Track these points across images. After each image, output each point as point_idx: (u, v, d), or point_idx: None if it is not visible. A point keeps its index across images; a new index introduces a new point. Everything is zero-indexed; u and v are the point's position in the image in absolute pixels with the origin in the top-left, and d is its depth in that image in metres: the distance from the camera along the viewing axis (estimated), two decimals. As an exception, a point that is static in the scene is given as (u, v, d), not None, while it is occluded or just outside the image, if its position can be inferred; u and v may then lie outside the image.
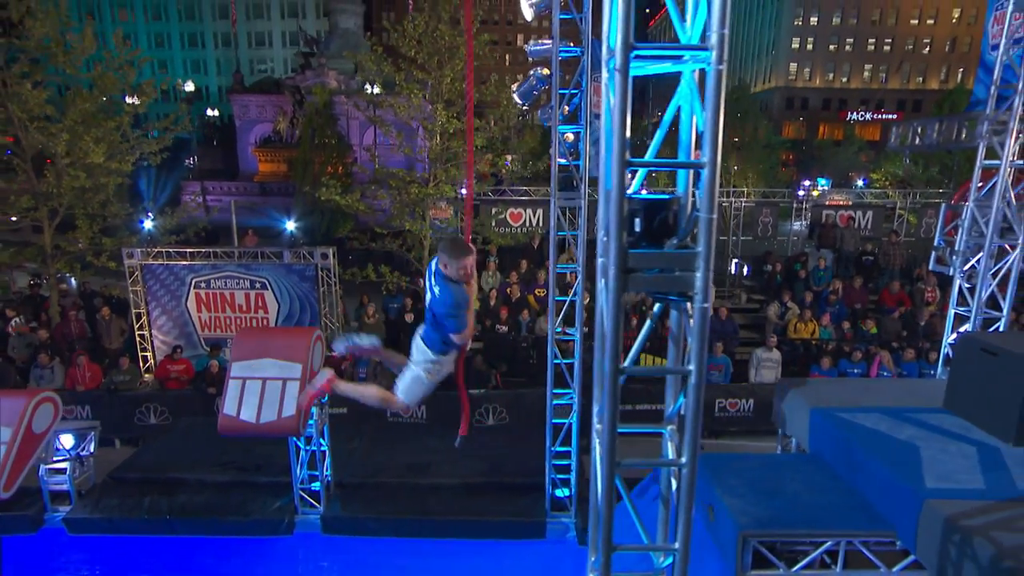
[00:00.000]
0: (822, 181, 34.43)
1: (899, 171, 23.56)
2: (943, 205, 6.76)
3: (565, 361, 6.98)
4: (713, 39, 2.00)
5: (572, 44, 5.88)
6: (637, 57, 2.15)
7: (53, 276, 13.80)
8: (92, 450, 7.26)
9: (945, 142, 6.56)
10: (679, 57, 2.24)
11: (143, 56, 14.30)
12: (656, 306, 2.69)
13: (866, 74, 60.40)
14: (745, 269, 16.53)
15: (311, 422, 6.44)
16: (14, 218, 13.14)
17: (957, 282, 6.58)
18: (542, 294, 13.88)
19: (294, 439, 6.50)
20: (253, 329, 11.13)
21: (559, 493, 7.01)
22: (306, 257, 12.42)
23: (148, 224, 14.82)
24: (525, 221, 16.37)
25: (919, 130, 6.91)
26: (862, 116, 59.11)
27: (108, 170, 12.70)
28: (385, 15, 64.15)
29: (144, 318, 12.76)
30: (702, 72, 2.12)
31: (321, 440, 6.77)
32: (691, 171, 2.45)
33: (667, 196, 2.35)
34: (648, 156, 2.42)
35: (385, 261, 13.82)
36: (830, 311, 13.20)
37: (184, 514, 6.86)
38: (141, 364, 12.78)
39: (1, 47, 12.67)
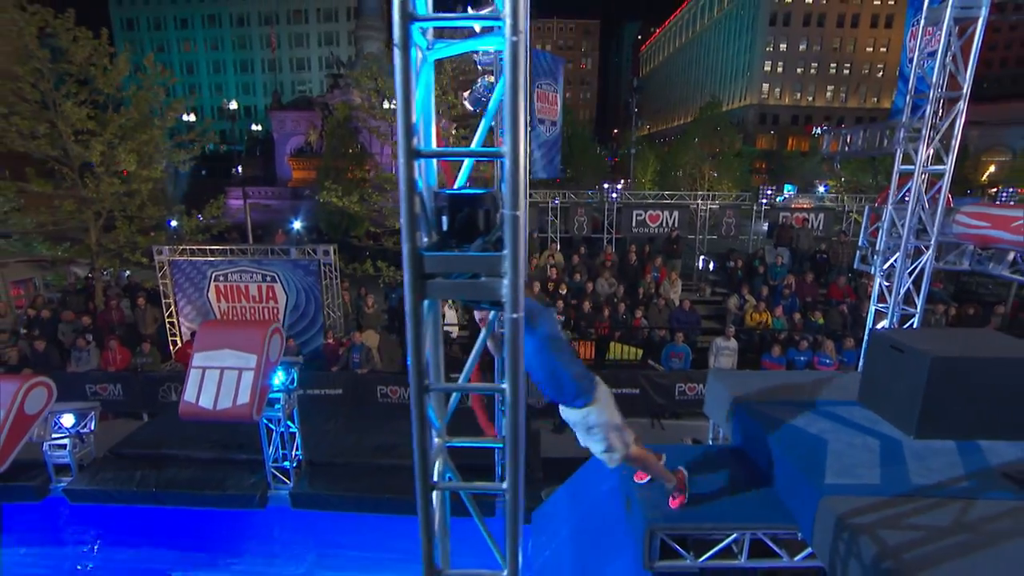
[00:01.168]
0: (788, 187, 33.42)
1: (854, 178, 22.73)
2: (867, 207, 6.18)
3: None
4: (506, 7, 1.52)
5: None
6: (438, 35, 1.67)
7: (99, 270, 13.63)
8: (92, 428, 6.95)
9: (869, 149, 5.96)
10: (484, 32, 1.75)
11: (173, 78, 13.87)
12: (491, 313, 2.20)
13: (828, 94, 59.72)
14: (711, 265, 15.92)
15: (278, 407, 6.06)
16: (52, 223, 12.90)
17: (877, 280, 6.01)
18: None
19: (265, 421, 6.13)
20: (216, 321, 10.77)
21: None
22: (310, 253, 12.06)
23: (174, 223, 14.51)
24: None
25: (847, 138, 6.32)
26: (825, 130, 58.23)
27: (140, 177, 12.42)
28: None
29: (172, 307, 12.49)
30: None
31: (289, 423, 6.38)
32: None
33: (481, 191, 1.85)
34: (475, 145, 1.94)
35: (382, 257, 13.42)
36: (783, 303, 12.60)
37: (170, 487, 6.53)
38: (172, 348, 12.54)
39: (51, 71, 12.40)
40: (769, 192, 16.37)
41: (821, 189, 30.46)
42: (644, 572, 3.76)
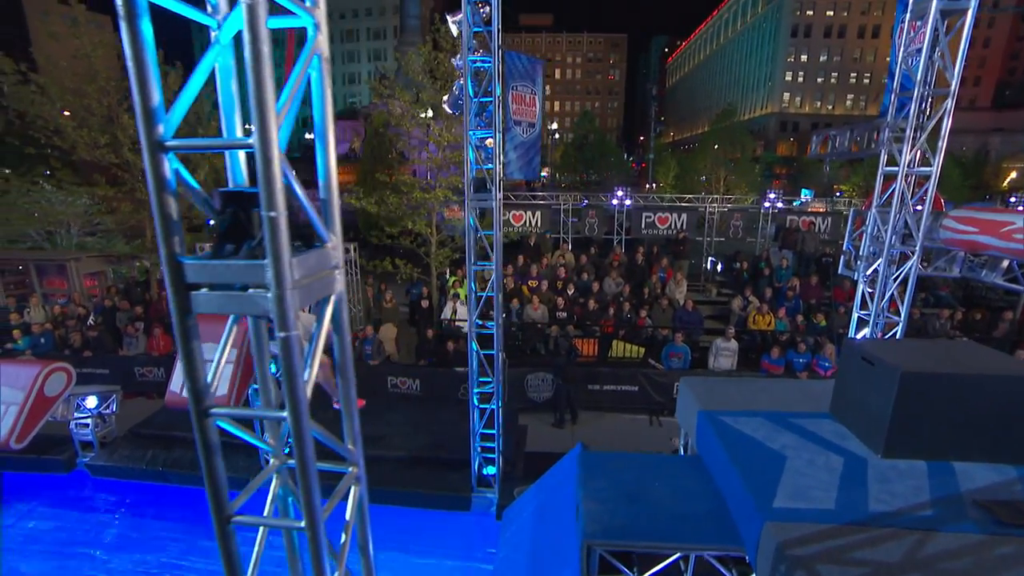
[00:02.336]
0: (805, 192, 31.74)
1: (865, 182, 21.23)
2: (851, 210, 5.49)
3: (486, 352, 6.11)
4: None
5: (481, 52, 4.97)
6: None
7: (155, 265, 13.97)
8: (115, 409, 6.98)
9: (856, 150, 5.26)
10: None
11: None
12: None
13: (848, 102, 56.74)
14: (719, 266, 15.13)
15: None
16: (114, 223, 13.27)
17: (860, 286, 5.33)
18: (534, 285, 13.06)
19: (259, 409, 5.98)
20: (203, 316, 10.60)
21: (488, 471, 6.21)
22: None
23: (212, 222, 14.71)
24: (525, 221, 15.46)
25: (835, 140, 5.63)
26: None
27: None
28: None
29: (212, 299, 12.65)
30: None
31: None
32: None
33: (253, 189, 1.50)
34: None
35: (400, 255, 13.27)
36: (786, 305, 11.80)
37: (175, 467, 6.49)
38: (213, 335, 12.70)
39: (115, 88, 12.74)
40: (772, 195, 15.40)
41: (839, 194, 28.79)
42: (581, 586, 3.35)
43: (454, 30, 5.03)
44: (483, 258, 5.60)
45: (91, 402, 6.65)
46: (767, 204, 14.58)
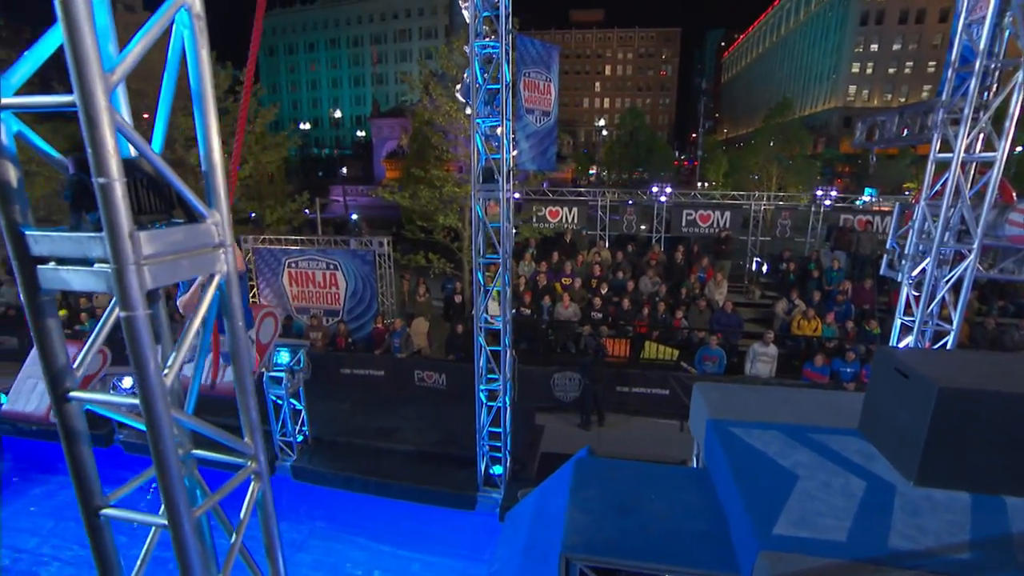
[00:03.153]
0: (869, 191, 29.46)
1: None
2: (897, 204, 4.81)
3: (492, 348, 5.87)
4: None
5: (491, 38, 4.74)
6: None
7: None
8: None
9: (907, 136, 4.57)
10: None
11: (262, 89, 14.51)
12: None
13: (924, 94, 51.78)
14: (764, 267, 14.24)
15: (284, 385, 5.93)
16: None
17: (904, 289, 4.66)
18: (568, 282, 12.73)
19: (272, 398, 6.04)
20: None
21: (495, 470, 5.99)
22: (367, 244, 12.13)
23: (254, 215, 15.28)
24: (562, 218, 15.11)
25: (882, 125, 4.93)
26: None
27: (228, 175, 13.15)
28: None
29: (255, 289, 13.10)
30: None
31: (294, 401, 6.25)
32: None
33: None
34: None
35: (434, 249, 13.27)
36: (836, 310, 10.90)
37: (195, 448, 6.65)
38: (254, 324, 13.18)
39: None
40: (821, 192, 14.27)
41: (906, 192, 26.58)
42: (562, 603, 3.09)
43: (466, 15, 4.83)
44: (519, 248, 5.36)
45: (126, 382, 6.95)
46: (824, 202, 13.52)
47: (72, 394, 1.34)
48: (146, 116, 13.35)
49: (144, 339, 1.19)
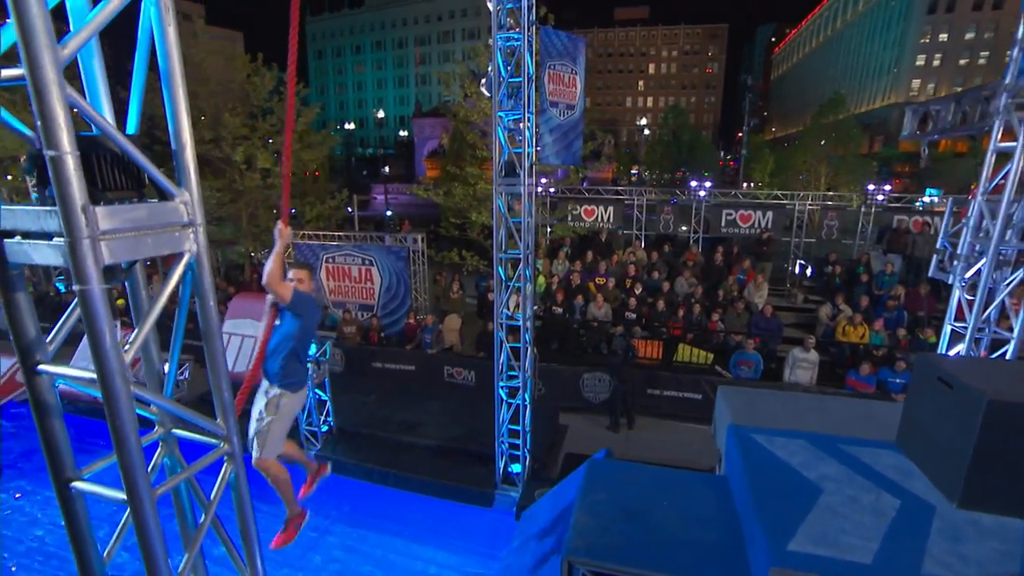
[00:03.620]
0: (932, 191, 27.55)
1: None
2: (950, 199, 4.35)
3: (512, 345, 5.75)
4: None
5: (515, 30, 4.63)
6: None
7: (247, 250, 15.26)
8: (187, 375, 7.57)
9: (965, 124, 4.09)
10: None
11: (306, 87, 14.91)
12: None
13: (1001, 87, 47.76)
14: (808, 270, 13.53)
15: (309, 375, 6.03)
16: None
17: (956, 293, 4.21)
18: (602, 282, 12.50)
19: (299, 387, 6.15)
20: (246, 294, 10.36)
21: (513, 468, 5.88)
22: (401, 241, 12.28)
23: (293, 211, 15.73)
24: (597, 216, 14.85)
25: (935, 114, 4.44)
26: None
27: (275, 173, 13.62)
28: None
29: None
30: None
31: (320, 392, 6.35)
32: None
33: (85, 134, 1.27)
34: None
35: (468, 247, 13.31)
36: (886, 316, 10.23)
37: (228, 435, 6.89)
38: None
39: (223, 88, 14.04)
40: (872, 188, 13.36)
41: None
42: (564, 608, 2.97)
43: (489, 6, 4.76)
44: (553, 246, 5.26)
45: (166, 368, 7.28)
46: (876, 200, 12.69)
47: (41, 367, 1.35)
48: (203, 118, 13.97)
49: (100, 313, 1.18)
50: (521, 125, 4.83)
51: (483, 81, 5.34)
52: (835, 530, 2.51)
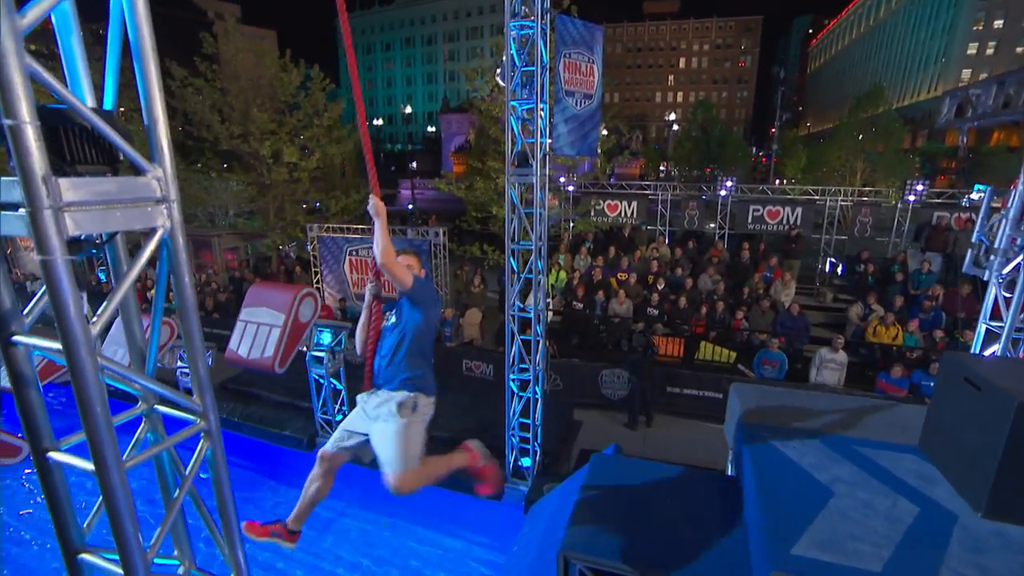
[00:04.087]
0: (979, 187, 26.09)
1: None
2: (988, 189, 4.03)
3: (523, 338, 5.68)
4: None
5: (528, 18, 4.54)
6: None
7: (274, 242, 15.60)
8: (209, 363, 7.77)
9: (1010, 110, 3.77)
10: None
11: (332, 83, 15.17)
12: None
13: (1059, 77, 44.74)
14: (839, 268, 13.03)
15: (324, 364, 6.12)
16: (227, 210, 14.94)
17: (992, 290, 3.92)
18: (623, 278, 12.32)
19: (315, 376, 6.25)
20: (263, 283, 10.23)
21: (524, 462, 5.83)
22: (424, 234, 12.35)
23: (319, 205, 15.99)
24: (620, 212, 14.62)
25: (976, 99, 4.13)
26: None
27: (301, 167, 13.88)
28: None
29: (318, 275, 13.76)
30: None
31: (334, 381, 6.42)
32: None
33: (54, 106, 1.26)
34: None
35: (490, 241, 13.29)
36: (921, 317, 9.75)
37: (248, 420, 7.05)
38: (317, 308, 13.85)
39: (252, 85, 14.38)
40: (909, 183, 12.68)
41: None
42: (562, 604, 2.91)
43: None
44: (575, 242, 5.18)
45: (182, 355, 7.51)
46: (909, 198, 12.08)
47: (16, 338, 1.36)
48: (233, 113, 14.33)
49: (63, 284, 1.17)
50: (534, 114, 4.76)
51: (498, 71, 5.28)
52: (844, 535, 2.37)
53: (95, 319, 1.27)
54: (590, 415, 9.19)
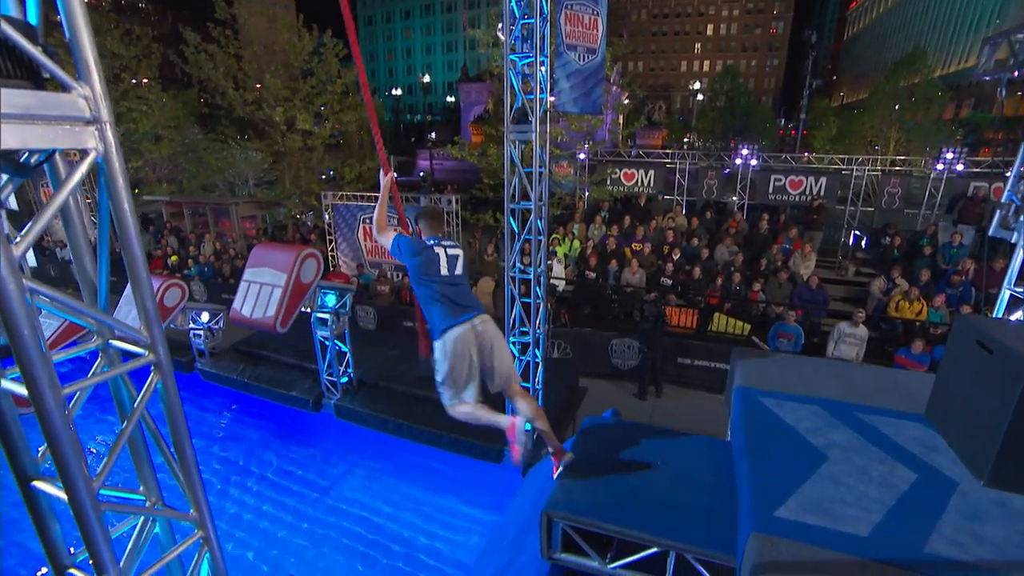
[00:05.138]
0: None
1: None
2: (1023, 147, 3.69)
3: (524, 300, 5.57)
4: None
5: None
6: None
7: (290, 210, 15.66)
8: (221, 325, 7.91)
9: None
10: None
11: (344, 50, 14.90)
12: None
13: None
14: (864, 241, 12.51)
15: (329, 326, 6.14)
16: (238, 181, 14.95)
17: (1020, 253, 3.63)
18: (638, 248, 12.08)
19: (320, 338, 6.29)
20: (266, 243, 9.89)
21: (524, 427, 5.78)
22: (436, 202, 12.22)
23: (333, 172, 15.93)
24: (637, 181, 14.23)
25: (1017, 46, 3.73)
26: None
27: (315, 135, 13.79)
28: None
29: (333, 243, 13.80)
30: None
31: (339, 343, 6.46)
32: None
33: None
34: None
35: (503, 209, 13.10)
36: (948, 292, 9.32)
37: (256, 380, 7.18)
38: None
39: (265, 51, 14.22)
40: (947, 155, 11.89)
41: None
42: (544, 562, 2.90)
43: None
44: (593, 213, 5.00)
45: (205, 316, 7.63)
46: (938, 166, 11.39)
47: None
48: (247, 79, 14.22)
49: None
50: (535, 69, 4.54)
51: (500, 25, 5.04)
52: (832, 499, 2.27)
53: (18, 239, 1.22)
54: (599, 384, 9.15)
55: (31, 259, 14.09)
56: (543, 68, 4.51)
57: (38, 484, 1.47)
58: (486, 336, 3.02)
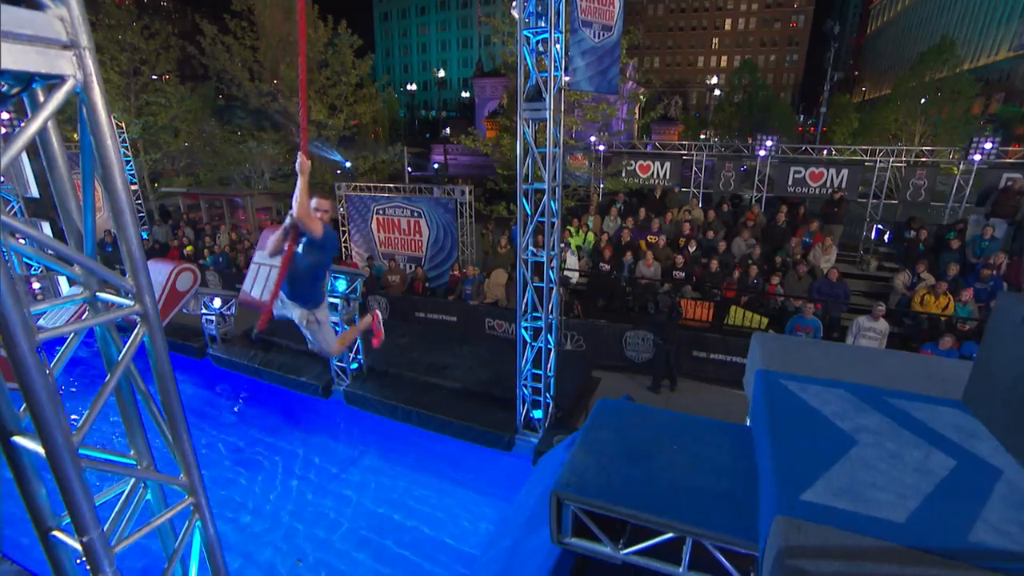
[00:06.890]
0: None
1: None
2: None
3: (537, 284, 5.42)
4: None
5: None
6: None
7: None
8: (233, 311, 7.91)
9: None
10: None
11: (358, 42, 14.89)
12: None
13: None
14: (887, 235, 12.13)
15: (339, 311, 6.08)
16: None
17: None
18: (653, 240, 11.87)
19: (331, 325, 6.22)
20: (274, 225, 10.20)
21: (535, 414, 5.67)
22: (449, 193, 12.14)
23: (348, 164, 15.91)
24: (653, 173, 13.99)
25: None
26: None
27: (329, 126, 13.78)
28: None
29: (346, 234, 13.80)
30: None
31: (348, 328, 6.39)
32: None
33: None
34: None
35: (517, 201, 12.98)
36: (977, 287, 8.97)
37: (268, 367, 7.15)
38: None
39: (281, 42, 14.24)
40: (986, 145, 11.39)
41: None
42: (555, 547, 2.78)
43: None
44: (608, 205, 4.84)
45: (217, 303, 7.64)
46: (974, 158, 10.95)
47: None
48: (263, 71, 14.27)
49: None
50: (549, 45, 4.40)
51: (513, 3, 4.90)
52: (865, 484, 2.11)
53: (-13, 170, 1.12)
54: (613, 377, 8.99)
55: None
56: (558, 45, 4.37)
57: (18, 439, 1.38)
58: None
